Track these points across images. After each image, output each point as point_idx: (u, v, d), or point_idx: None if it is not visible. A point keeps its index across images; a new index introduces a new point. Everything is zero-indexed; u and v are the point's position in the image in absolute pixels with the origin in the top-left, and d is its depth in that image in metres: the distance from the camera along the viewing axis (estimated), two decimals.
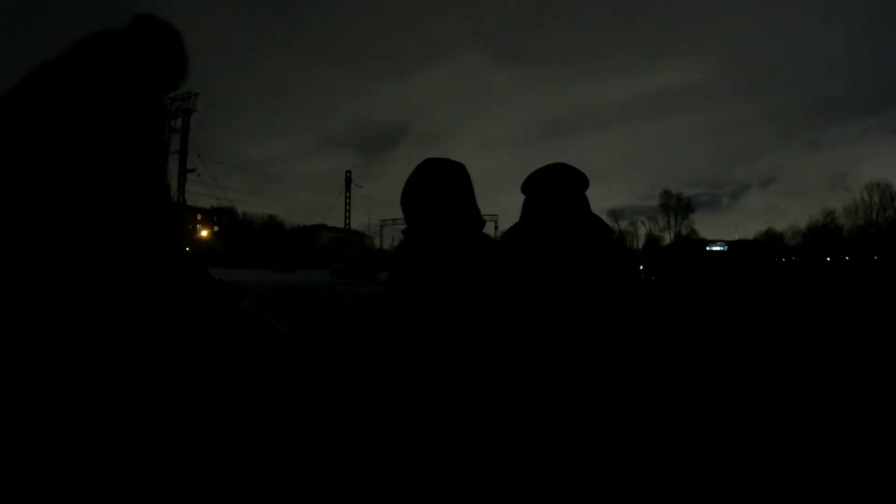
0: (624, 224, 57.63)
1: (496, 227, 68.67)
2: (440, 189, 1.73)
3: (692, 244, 36.51)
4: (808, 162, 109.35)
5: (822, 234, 55.04)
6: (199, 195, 32.98)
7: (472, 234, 1.75)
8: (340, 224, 43.72)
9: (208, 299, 1.78)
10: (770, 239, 56.81)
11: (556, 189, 1.94)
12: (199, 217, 46.86)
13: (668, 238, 57.49)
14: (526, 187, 1.99)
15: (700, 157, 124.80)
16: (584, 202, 1.97)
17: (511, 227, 2.05)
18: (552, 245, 1.88)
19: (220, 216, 48.18)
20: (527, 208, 2.01)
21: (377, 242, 50.73)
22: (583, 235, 1.93)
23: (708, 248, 29.68)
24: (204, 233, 43.71)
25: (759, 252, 33.49)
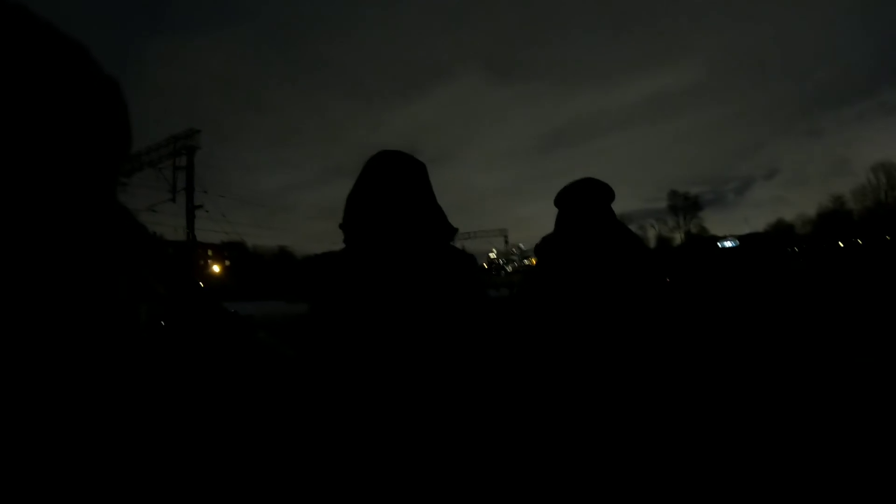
0: (633, 227, 56.56)
1: (506, 241, 68.67)
2: (400, 188, 1.47)
3: (704, 242, 36.22)
4: (810, 150, 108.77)
5: (833, 219, 54.35)
6: (209, 231, 33.23)
7: (443, 246, 1.52)
8: None
9: (225, 333, 1.79)
10: (780, 229, 56.17)
11: (586, 202, 2.09)
12: (209, 253, 47.19)
13: (678, 239, 57.00)
14: (558, 201, 2.15)
15: (702, 156, 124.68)
16: (611, 214, 2.11)
17: (545, 237, 2.18)
18: (585, 255, 2.00)
19: (230, 251, 48.43)
20: (560, 220, 2.18)
21: None
22: (612, 246, 2.03)
23: (720, 245, 29.41)
24: (216, 268, 43.99)
25: (772, 243, 33.18)
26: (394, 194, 1.45)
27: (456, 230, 1.56)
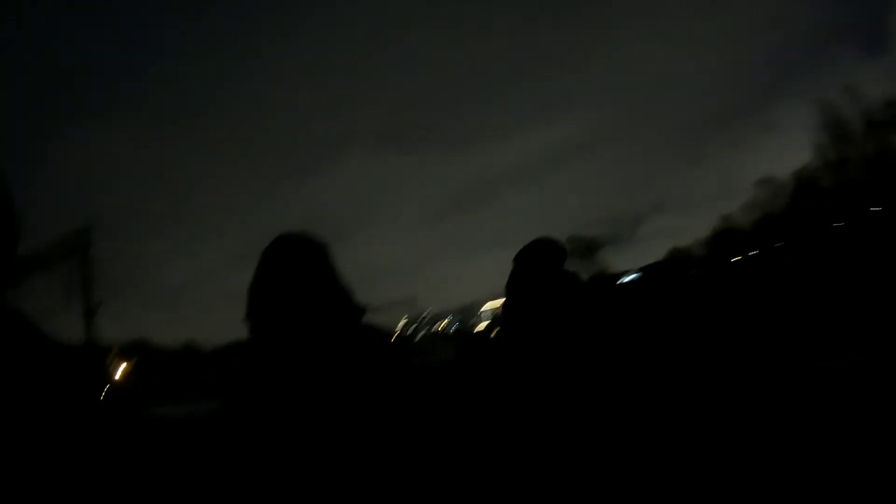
0: None
1: (414, 308, 68.15)
2: (302, 274, 1.45)
3: (606, 279, 37.83)
4: (696, 176, 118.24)
5: (726, 236, 57.52)
6: (111, 331, 31.25)
7: (353, 327, 1.51)
8: None
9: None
10: (677, 256, 59.11)
11: (542, 262, 2.52)
12: (112, 354, 44.18)
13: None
14: (518, 258, 2.55)
15: (596, 199, 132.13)
16: (560, 270, 2.48)
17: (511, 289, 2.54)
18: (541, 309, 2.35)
19: (134, 350, 45.58)
20: (517, 276, 2.52)
21: None
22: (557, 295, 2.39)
23: (621, 281, 30.88)
24: (120, 369, 41.12)
25: (671, 269, 35.16)
26: (296, 281, 1.43)
27: (364, 309, 1.55)
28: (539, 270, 2.53)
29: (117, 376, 40.93)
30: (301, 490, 1.28)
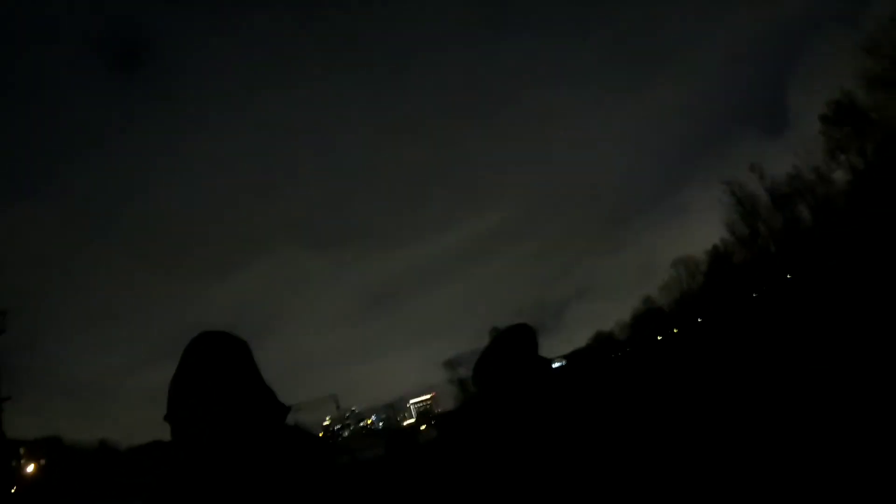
0: (463, 370, 53.02)
1: (337, 406, 66.69)
2: (223, 374, 1.52)
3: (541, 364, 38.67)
4: (615, 262, 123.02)
5: (647, 318, 59.02)
6: (21, 426, 29.45)
7: (275, 430, 1.66)
8: None
9: None
10: (601, 340, 60.34)
11: (519, 345, 3.40)
12: (21, 451, 41.02)
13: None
14: (495, 340, 3.51)
15: (519, 289, 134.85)
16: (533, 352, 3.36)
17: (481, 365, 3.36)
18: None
19: (46, 447, 42.44)
20: (491, 353, 3.45)
21: None
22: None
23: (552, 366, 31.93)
24: (30, 468, 38.17)
25: (594, 354, 36.36)
26: (218, 378, 1.74)
27: (288, 408, 1.93)
28: (519, 353, 3.19)
29: (29, 472, 37.98)
30: None
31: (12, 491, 23.77)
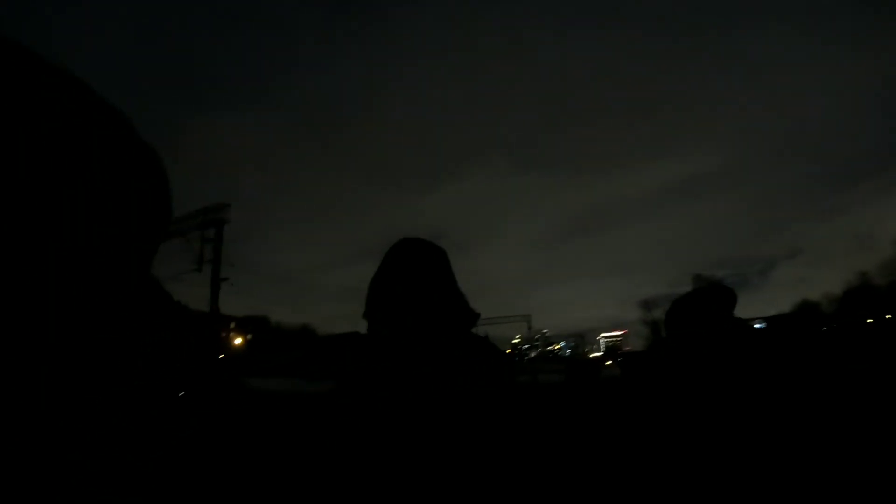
0: (658, 313, 51.43)
1: (529, 327, 67.92)
2: (421, 276, 1.35)
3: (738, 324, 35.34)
4: (832, 228, 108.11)
5: (860, 295, 52.39)
6: (232, 304, 33.39)
7: (464, 333, 1.44)
8: None
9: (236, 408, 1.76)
10: (806, 309, 54.16)
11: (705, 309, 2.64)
12: (232, 325, 47.33)
13: None
14: (673, 309, 2.73)
15: (725, 239, 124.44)
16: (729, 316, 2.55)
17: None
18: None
19: (253, 324, 48.36)
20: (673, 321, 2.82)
21: None
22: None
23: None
24: (237, 340, 43.95)
25: (800, 323, 32.34)
26: (415, 282, 1.42)
27: (478, 315, 1.51)
28: (715, 312, 2.54)
29: (237, 343, 43.96)
30: (395, 474, 1.29)
31: (220, 357, 27.30)
